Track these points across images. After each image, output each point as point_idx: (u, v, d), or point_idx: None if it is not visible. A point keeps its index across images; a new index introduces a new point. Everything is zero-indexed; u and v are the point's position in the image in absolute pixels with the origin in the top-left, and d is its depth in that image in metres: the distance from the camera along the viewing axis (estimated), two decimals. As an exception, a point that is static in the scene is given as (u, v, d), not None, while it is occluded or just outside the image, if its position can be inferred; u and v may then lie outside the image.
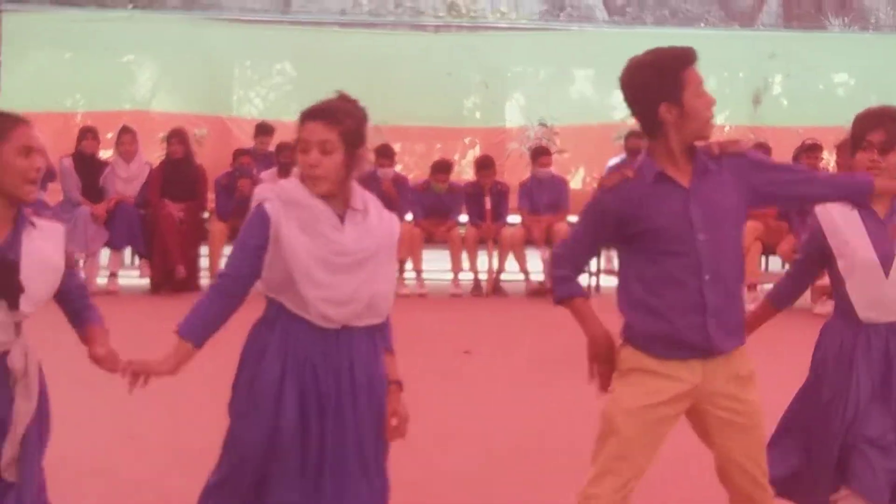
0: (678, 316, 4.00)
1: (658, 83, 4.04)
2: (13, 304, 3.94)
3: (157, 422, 7.41)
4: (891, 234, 4.69)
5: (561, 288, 4.20)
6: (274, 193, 4.09)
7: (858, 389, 4.65)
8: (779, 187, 4.23)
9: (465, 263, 13.99)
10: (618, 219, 4.05)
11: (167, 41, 19.03)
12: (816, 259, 4.90)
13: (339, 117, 4.21)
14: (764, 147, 14.00)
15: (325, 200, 4.05)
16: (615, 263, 4.70)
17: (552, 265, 4.34)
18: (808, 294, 12.94)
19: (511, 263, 13.93)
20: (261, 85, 19.96)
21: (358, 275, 4.03)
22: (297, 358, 4.03)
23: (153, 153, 14.77)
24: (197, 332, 4.07)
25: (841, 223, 4.69)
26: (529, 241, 13.90)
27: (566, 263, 4.22)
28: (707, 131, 4.07)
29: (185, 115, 17.37)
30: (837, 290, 4.83)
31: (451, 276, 14.04)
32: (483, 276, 14.03)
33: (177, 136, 14.09)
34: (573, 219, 14.26)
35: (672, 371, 4.06)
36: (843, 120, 5.29)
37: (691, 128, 4.03)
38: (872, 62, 19.69)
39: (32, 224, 4.07)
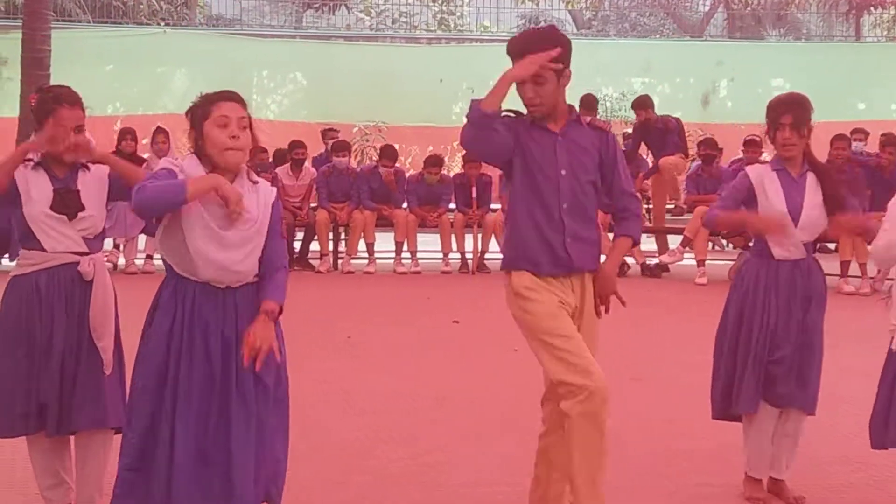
0: (546, 236, 4.18)
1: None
2: (72, 216, 4.50)
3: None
4: (801, 190, 5.12)
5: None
6: (177, 168, 3.94)
7: (769, 314, 5.10)
8: (606, 176, 4.35)
9: (454, 245, 13.97)
10: (507, 133, 4.24)
11: (195, 54, 19.04)
12: (741, 198, 5.25)
13: (243, 101, 4.07)
14: (711, 142, 14.01)
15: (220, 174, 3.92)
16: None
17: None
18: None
19: (494, 244, 13.91)
20: (276, 92, 19.95)
21: (241, 246, 3.90)
22: (186, 313, 3.90)
23: (183, 151, 14.71)
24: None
25: (765, 181, 5.14)
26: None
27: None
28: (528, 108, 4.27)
29: (211, 118, 17.30)
30: (757, 234, 5.26)
31: (441, 255, 14.03)
32: (469, 256, 14.01)
33: (203, 137, 13.99)
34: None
35: (553, 287, 4.22)
36: (780, 118, 5.40)
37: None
38: (804, 67, 19.75)
39: (87, 167, 4.63)
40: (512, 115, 4.32)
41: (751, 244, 5.42)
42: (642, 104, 14.05)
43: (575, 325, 4.22)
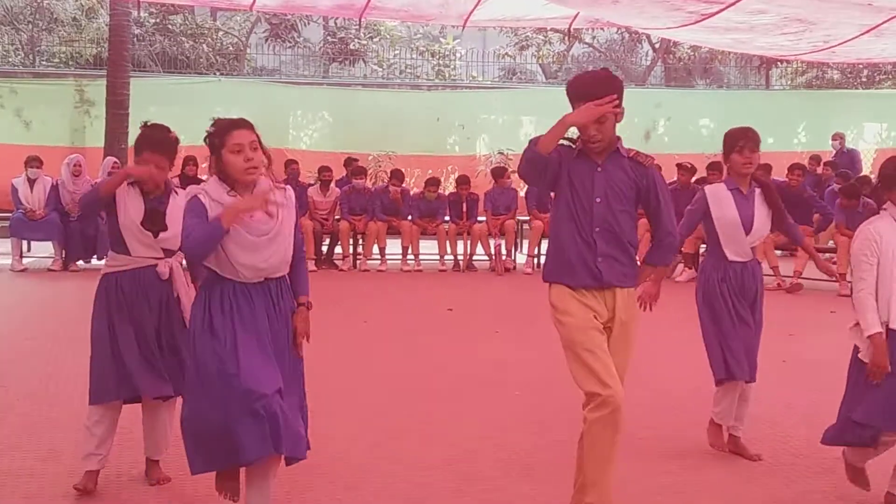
0: (581, 253, 3.82)
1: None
2: (156, 235, 4.46)
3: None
4: (750, 204, 5.08)
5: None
6: (203, 191, 3.78)
7: (724, 308, 5.07)
8: (647, 208, 3.97)
9: (449, 248, 14.00)
10: (557, 162, 3.82)
11: (244, 98, 19.06)
12: (699, 217, 5.21)
13: (252, 125, 3.87)
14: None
15: (238, 191, 3.77)
16: None
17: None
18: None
19: (479, 248, 13.96)
20: (308, 127, 19.97)
21: (269, 246, 3.73)
22: (234, 304, 3.71)
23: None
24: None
25: (721, 197, 5.10)
26: (490, 234, 13.93)
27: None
28: (587, 143, 3.83)
29: (256, 148, 17.34)
30: (712, 240, 5.21)
31: (438, 257, 14.05)
32: (461, 258, 14.05)
33: (251, 163, 13.99)
34: (523, 218, 14.33)
35: (587, 300, 3.83)
36: (706, 150, 5.42)
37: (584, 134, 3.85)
38: (725, 110, 19.80)
39: (176, 192, 4.57)
40: (567, 143, 3.89)
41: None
42: None
43: (606, 336, 3.86)
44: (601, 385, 3.73)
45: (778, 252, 12.23)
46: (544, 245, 13.97)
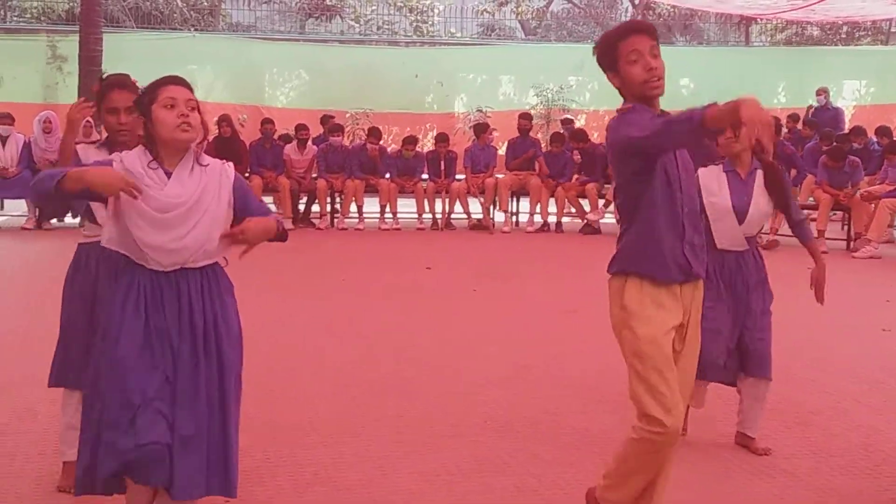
0: (672, 242, 3.23)
1: (602, 57, 3.38)
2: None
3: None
4: (749, 189, 4.57)
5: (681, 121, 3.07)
6: (119, 158, 3.21)
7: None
8: None
9: (427, 207, 13.99)
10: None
11: (219, 55, 18.91)
12: None
13: (190, 86, 3.31)
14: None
15: (161, 160, 3.21)
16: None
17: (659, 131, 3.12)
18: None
19: (458, 206, 13.95)
20: (284, 85, 19.83)
21: (182, 223, 3.16)
22: (145, 297, 3.17)
23: (209, 132, 14.61)
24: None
25: (711, 183, 4.55)
26: (469, 192, 13.93)
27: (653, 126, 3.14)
28: (647, 91, 3.23)
29: (232, 106, 17.25)
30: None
31: (416, 216, 14.05)
32: (439, 216, 14.05)
33: (225, 121, 13.91)
34: (500, 176, 14.32)
35: (666, 301, 3.25)
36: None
37: (633, 91, 3.27)
38: (704, 68, 19.77)
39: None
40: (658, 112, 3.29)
41: None
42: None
43: (681, 336, 3.31)
44: (664, 413, 3.20)
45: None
46: (524, 204, 14.15)
